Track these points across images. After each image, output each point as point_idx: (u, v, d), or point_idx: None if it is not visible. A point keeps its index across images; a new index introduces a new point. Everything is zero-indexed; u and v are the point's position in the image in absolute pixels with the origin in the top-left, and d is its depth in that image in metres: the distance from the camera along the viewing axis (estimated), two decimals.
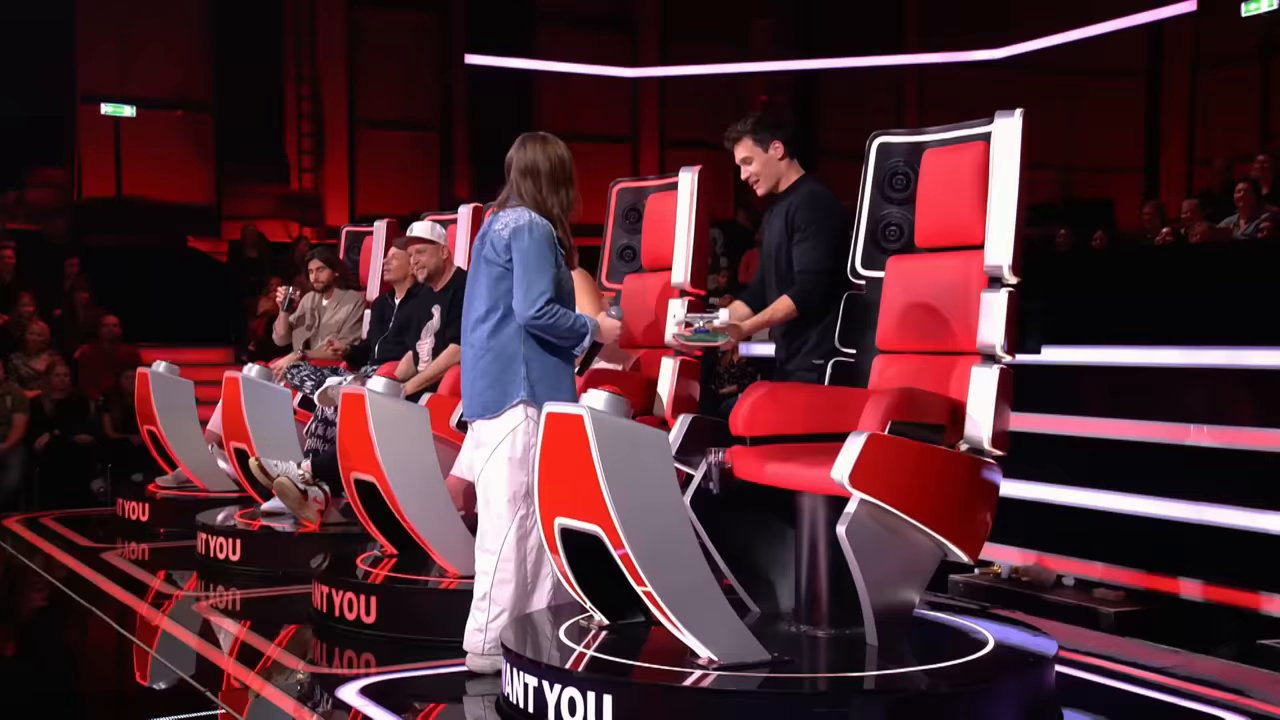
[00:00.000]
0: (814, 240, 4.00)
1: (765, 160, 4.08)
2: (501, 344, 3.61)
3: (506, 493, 3.64)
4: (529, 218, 3.59)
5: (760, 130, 4.07)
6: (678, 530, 3.25)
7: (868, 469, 3.23)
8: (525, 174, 3.63)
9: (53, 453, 8.33)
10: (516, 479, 3.64)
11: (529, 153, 3.65)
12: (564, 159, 3.66)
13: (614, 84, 16.29)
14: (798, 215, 4.02)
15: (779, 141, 4.07)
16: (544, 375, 3.64)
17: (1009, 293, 3.50)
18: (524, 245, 3.55)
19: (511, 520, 3.65)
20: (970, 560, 3.49)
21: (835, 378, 4.06)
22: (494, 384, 3.62)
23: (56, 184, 13.97)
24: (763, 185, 4.15)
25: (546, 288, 3.54)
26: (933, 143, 3.92)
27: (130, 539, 6.65)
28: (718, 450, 3.64)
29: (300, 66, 15.07)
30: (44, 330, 9.25)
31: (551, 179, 3.63)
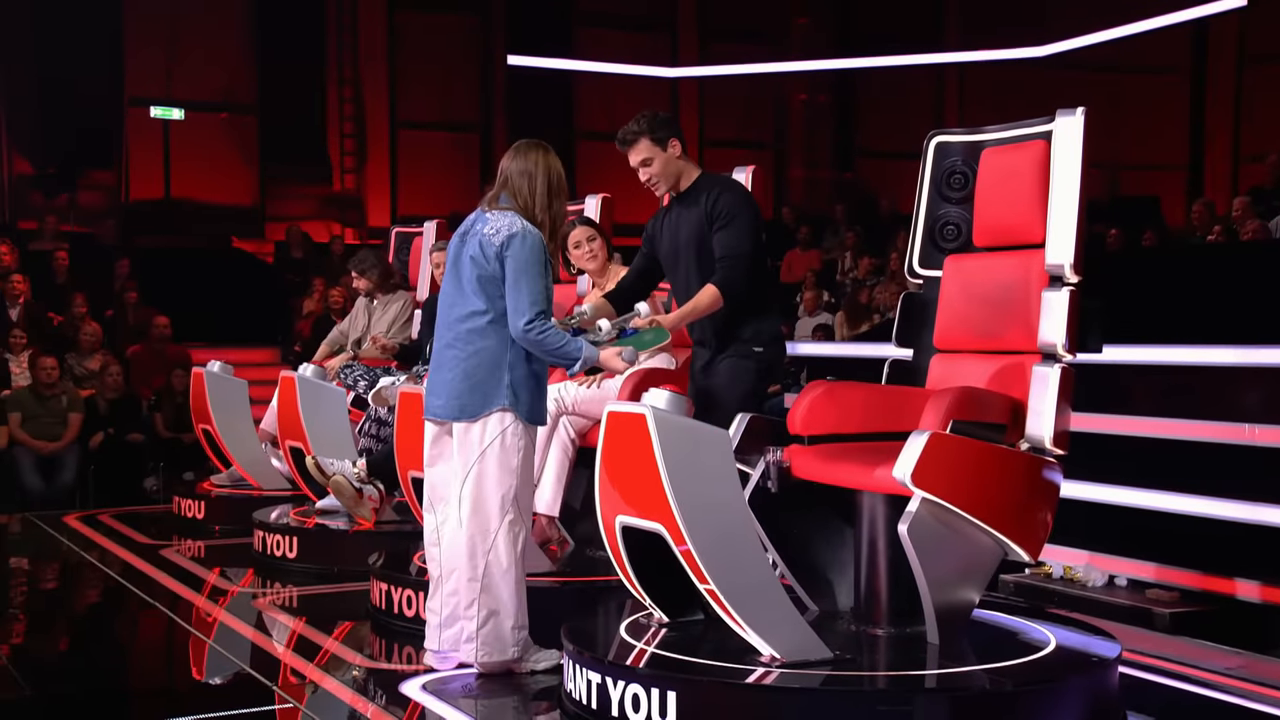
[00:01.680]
0: (734, 227, 3.92)
1: (665, 160, 4.01)
2: (489, 348, 3.57)
3: (496, 498, 3.60)
4: (521, 225, 3.56)
5: (658, 129, 3.99)
6: (740, 528, 3.27)
7: (930, 468, 3.24)
8: (525, 176, 3.61)
9: (106, 451, 8.44)
10: (505, 483, 3.60)
11: (531, 159, 3.62)
12: (561, 174, 3.66)
13: (653, 84, 16.32)
14: (718, 203, 3.94)
15: (675, 139, 4.01)
16: (525, 383, 3.60)
17: (1070, 291, 3.50)
18: (518, 254, 3.52)
19: (499, 525, 3.61)
20: (1031, 559, 3.49)
21: (892, 377, 4.07)
22: (476, 387, 3.57)
23: (106, 187, 14.17)
24: (662, 185, 4.05)
25: (537, 298, 3.51)
26: (991, 141, 3.92)
27: (187, 536, 6.75)
28: (776, 449, 3.65)
29: (342, 69, 15.21)
30: (97, 331, 9.39)
31: (548, 191, 3.61)
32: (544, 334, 3.52)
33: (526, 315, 3.50)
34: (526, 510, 3.72)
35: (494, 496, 3.60)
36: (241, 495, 6.98)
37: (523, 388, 3.60)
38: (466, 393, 3.58)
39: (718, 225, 3.93)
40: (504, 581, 3.63)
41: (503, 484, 3.60)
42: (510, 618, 3.66)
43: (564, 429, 4.70)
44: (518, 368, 3.59)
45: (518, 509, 3.63)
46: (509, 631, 3.67)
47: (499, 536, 3.61)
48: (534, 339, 3.52)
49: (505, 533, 3.61)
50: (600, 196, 5.83)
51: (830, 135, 17.55)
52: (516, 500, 3.62)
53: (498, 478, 3.59)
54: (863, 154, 17.49)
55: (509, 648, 3.68)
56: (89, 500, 8.10)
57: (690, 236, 4.06)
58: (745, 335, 4.05)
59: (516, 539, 3.64)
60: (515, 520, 3.63)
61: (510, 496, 3.61)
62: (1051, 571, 5.16)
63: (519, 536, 3.64)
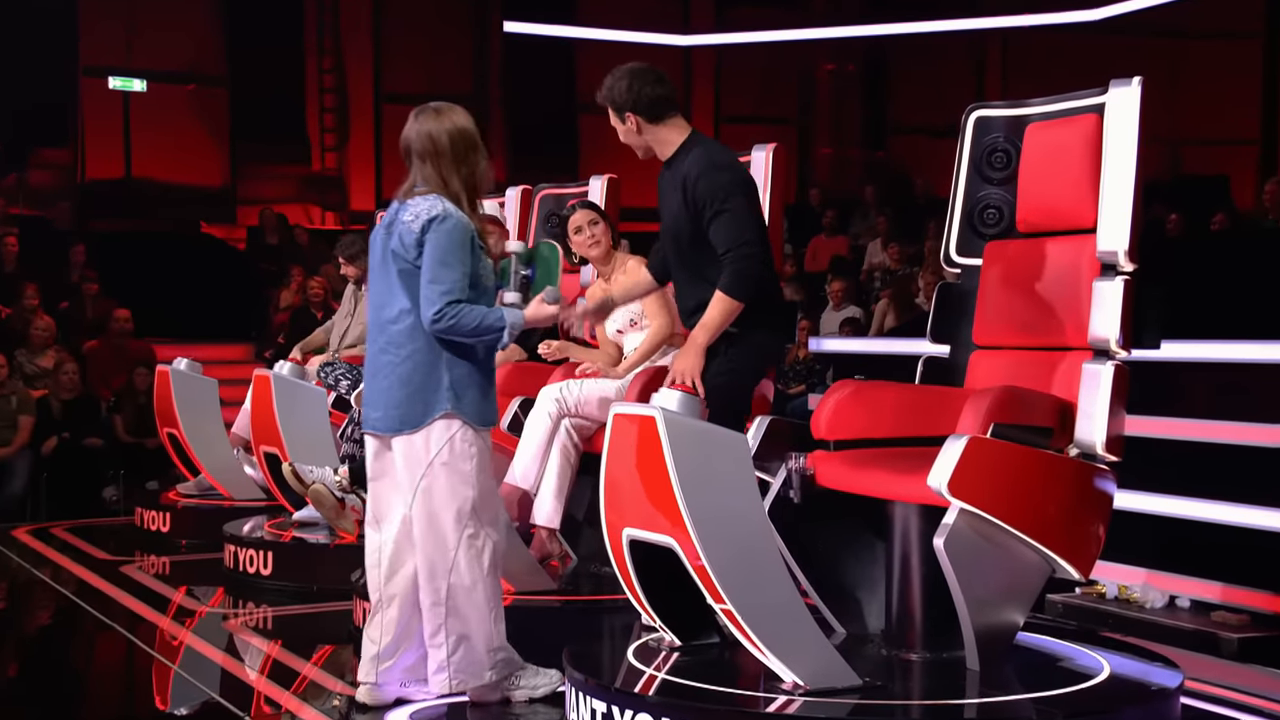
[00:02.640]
0: (729, 215, 3.82)
1: (625, 132, 3.99)
2: (422, 348, 3.54)
3: (451, 512, 3.57)
4: (442, 208, 3.51)
5: (613, 100, 3.96)
6: (759, 542, 3.29)
7: (968, 475, 3.25)
8: (424, 157, 3.56)
9: (61, 457, 8.46)
10: (460, 495, 3.57)
11: (422, 129, 3.56)
12: (463, 129, 3.57)
13: (664, 53, 16.32)
14: (697, 189, 3.86)
15: (631, 114, 3.95)
16: (468, 382, 3.56)
17: (1124, 281, 3.51)
18: (435, 240, 3.48)
19: (458, 541, 3.58)
20: (1082, 577, 3.50)
21: (926, 376, 4.07)
22: (414, 394, 3.53)
23: (60, 165, 14.23)
24: (637, 152, 4.07)
25: (450, 287, 3.47)
26: (1037, 116, 3.92)
27: (149, 551, 6.78)
28: (798, 455, 3.67)
29: (322, 37, 15.26)
30: (50, 325, 9.41)
31: (453, 155, 3.55)
32: (456, 318, 3.47)
33: (435, 305, 3.46)
34: (493, 521, 3.68)
35: (448, 511, 3.57)
36: (211, 506, 7.01)
37: (466, 387, 3.56)
38: (405, 401, 3.55)
39: (708, 217, 3.85)
40: (469, 602, 3.61)
41: (457, 496, 3.56)
42: (482, 640, 3.65)
43: (566, 433, 4.72)
44: (457, 366, 3.55)
45: (478, 521, 3.60)
46: (483, 655, 3.66)
47: (459, 554, 3.58)
48: (445, 326, 3.47)
49: (465, 549, 3.58)
50: (605, 178, 5.84)
51: (859, 110, 17.56)
52: (475, 512, 3.59)
53: (450, 490, 3.56)
54: (895, 130, 17.49)
55: (484, 671, 3.68)
56: (41, 512, 8.14)
57: (670, 224, 4.03)
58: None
59: (481, 554, 3.61)
60: (476, 534, 3.60)
61: (467, 509, 3.57)
62: (1105, 591, 5.16)
63: (484, 551, 3.62)
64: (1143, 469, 4.65)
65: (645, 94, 3.94)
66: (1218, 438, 5.32)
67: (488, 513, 3.65)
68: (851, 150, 17.49)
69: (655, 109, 3.96)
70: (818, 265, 12.49)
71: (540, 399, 4.73)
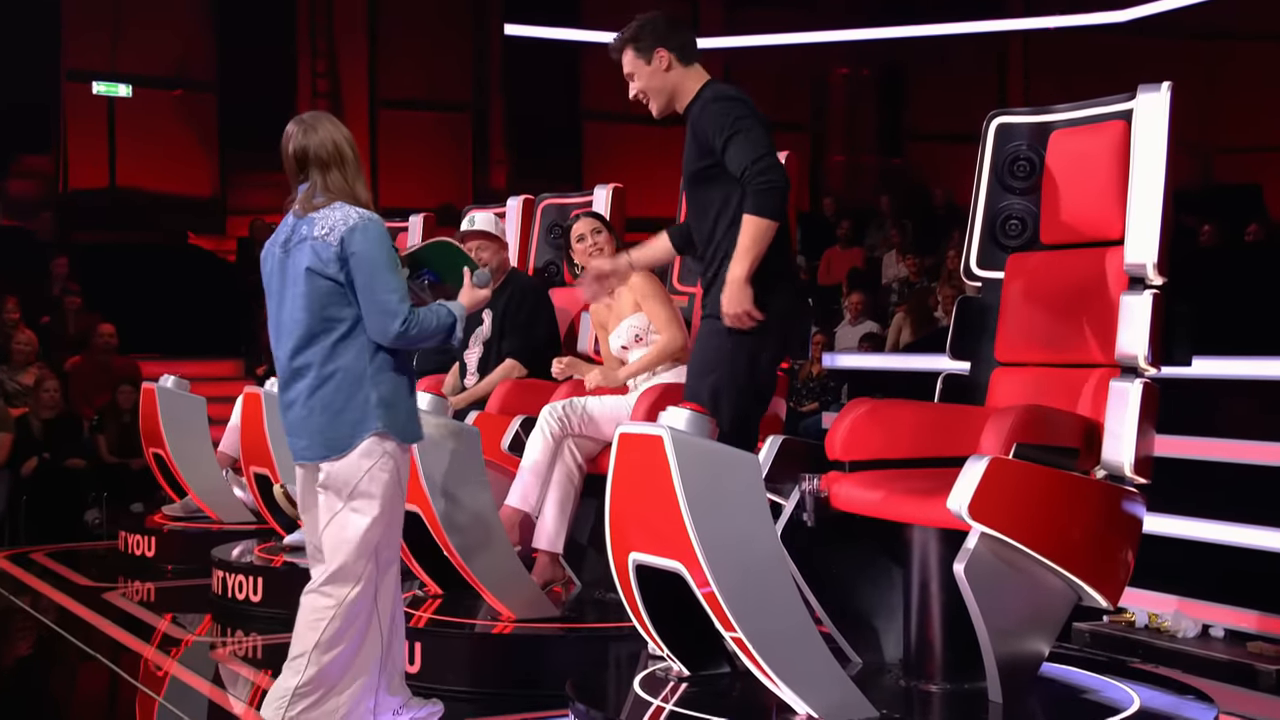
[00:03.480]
0: (740, 135, 3.74)
1: (650, 74, 3.94)
2: (344, 367, 3.45)
3: (359, 543, 3.45)
4: (358, 215, 3.44)
5: (642, 38, 3.95)
6: (771, 567, 3.29)
7: (990, 498, 3.25)
8: (329, 165, 3.48)
9: (41, 479, 8.46)
10: (379, 526, 3.47)
11: (325, 137, 3.49)
12: (351, 139, 3.55)
13: None
14: (705, 118, 3.82)
15: (664, 50, 3.93)
16: (396, 396, 3.49)
17: (1153, 295, 3.52)
18: (364, 248, 3.40)
19: (361, 575, 3.46)
20: (1110, 605, 3.50)
21: (946, 393, 4.08)
22: (338, 416, 3.45)
23: (41, 174, 14.26)
24: (654, 104, 3.99)
25: (403, 293, 3.43)
26: (1061, 123, 3.95)
27: (134, 577, 6.79)
28: (812, 476, 3.67)
29: (315, 39, 15.31)
30: (31, 340, 9.43)
31: (356, 165, 3.52)
32: (419, 324, 3.45)
33: (399, 315, 3.41)
34: (395, 555, 3.57)
35: (357, 540, 3.45)
36: (198, 529, 7.02)
37: (395, 402, 3.48)
38: (329, 425, 3.47)
39: (720, 144, 3.78)
40: (345, 637, 3.45)
41: (375, 528, 3.46)
42: (348, 696, 3.48)
43: (569, 453, 4.73)
44: (383, 381, 3.47)
45: (390, 551, 3.52)
46: (343, 705, 3.49)
47: (358, 589, 3.46)
48: (414, 335, 3.44)
49: (365, 584, 3.47)
50: (610, 187, 5.87)
51: (875, 115, 17.59)
52: (386, 542, 3.50)
53: (366, 517, 3.45)
54: (912, 137, 17.51)
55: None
56: (20, 536, 8.15)
57: (687, 171, 3.96)
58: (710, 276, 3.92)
59: (379, 591, 3.50)
60: (383, 570, 3.50)
61: (375, 537, 3.46)
62: (1134, 620, 5.15)
63: (383, 585, 3.51)
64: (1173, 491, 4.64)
65: (680, 33, 3.98)
66: (1251, 459, 5.32)
67: (393, 549, 3.55)
68: (867, 158, 17.52)
69: (687, 51, 3.97)
70: (832, 278, 12.50)
71: (542, 418, 4.74)
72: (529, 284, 5.78)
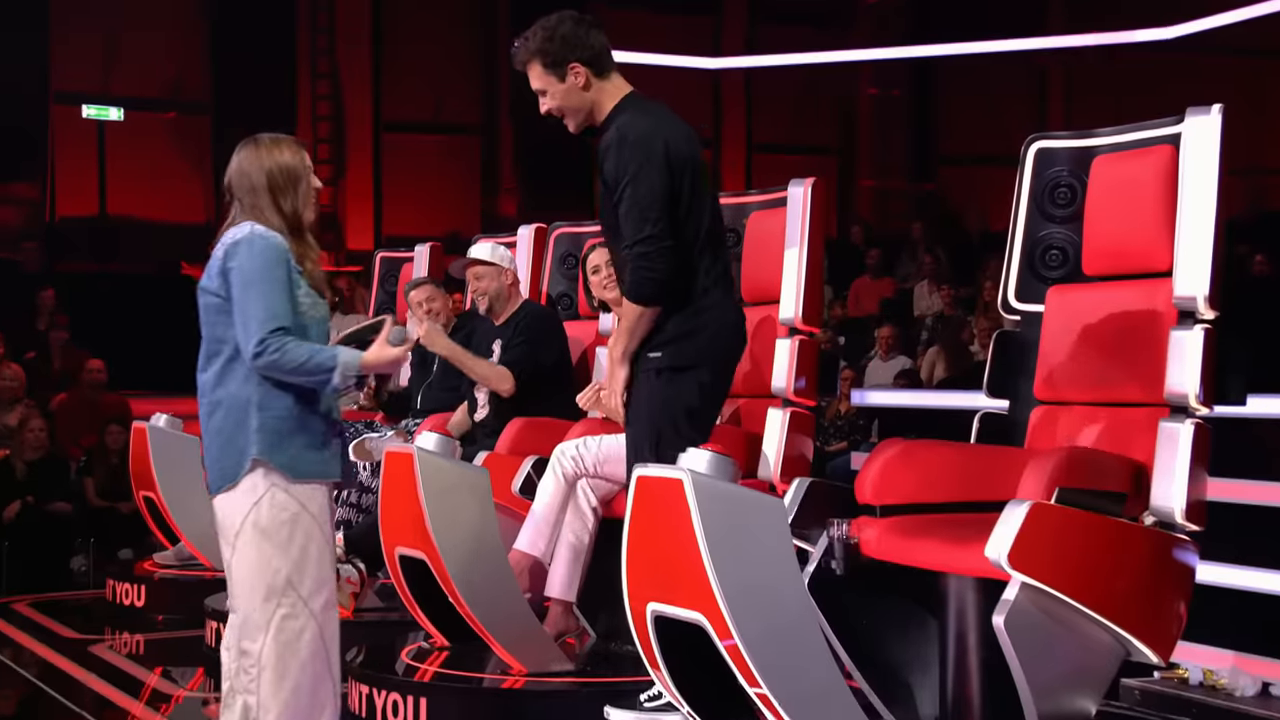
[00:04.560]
0: (630, 197, 3.61)
1: (565, 92, 3.75)
2: (231, 393, 3.38)
3: (261, 587, 3.34)
4: (249, 230, 3.41)
5: (550, 50, 3.74)
6: (798, 618, 3.29)
7: (1031, 546, 3.24)
8: (244, 193, 3.47)
9: (24, 524, 8.44)
10: (272, 565, 3.34)
11: (243, 164, 3.48)
12: (284, 166, 3.47)
13: (691, 77, 16.46)
14: (605, 165, 3.66)
15: (578, 64, 3.74)
16: (285, 425, 3.37)
17: (1204, 330, 3.52)
18: (242, 263, 3.35)
19: (270, 620, 3.34)
20: (1161, 661, 3.48)
21: (984, 434, 4.08)
22: (227, 445, 3.37)
23: (27, 201, 14.37)
24: (571, 122, 3.83)
25: (270, 314, 3.30)
26: (1105, 147, 3.95)
27: (122, 628, 6.79)
28: (841, 522, 3.67)
29: (316, 58, 15.44)
30: (19, 375, 9.44)
31: (271, 191, 3.45)
32: (280, 351, 3.30)
33: (256, 335, 3.29)
34: (317, 595, 3.39)
35: (258, 585, 3.34)
36: (191, 577, 7.02)
37: (281, 432, 3.36)
38: (218, 453, 3.39)
39: (615, 199, 3.67)
40: (275, 698, 3.33)
41: (267, 568, 3.34)
42: None
43: (583, 495, 4.73)
44: (271, 406, 3.37)
45: (296, 598, 3.35)
46: None
47: (268, 638, 3.33)
48: (267, 361, 3.30)
49: (276, 633, 3.33)
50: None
51: (906, 138, 17.63)
52: (292, 586, 3.35)
53: (260, 559, 3.34)
54: (946, 161, 17.56)
55: None
56: (1, 584, 8.15)
57: (603, 219, 3.90)
58: (649, 340, 3.83)
59: (298, 638, 3.35)
60: (293, 614, 3.35)
61: (280, 583, 3.34)
62: (1187, 676, 5.11)
63: (303, 634, 3.35)
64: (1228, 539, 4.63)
65: (594, 40, 3.76)
66: None
67: (313, 585, 3.38)
68: (897, 183, 17.56)
69: (603, 60, 3.79)
70: (861, 310, 12.51)
71: (555, 458, 4.74)
72: (539, 310, 5.81)
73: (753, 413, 4.97)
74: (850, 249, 13.86)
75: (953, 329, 10.60)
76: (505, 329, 5.63)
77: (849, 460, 8.24)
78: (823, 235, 4.85)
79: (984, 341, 9.35)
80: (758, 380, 4.97)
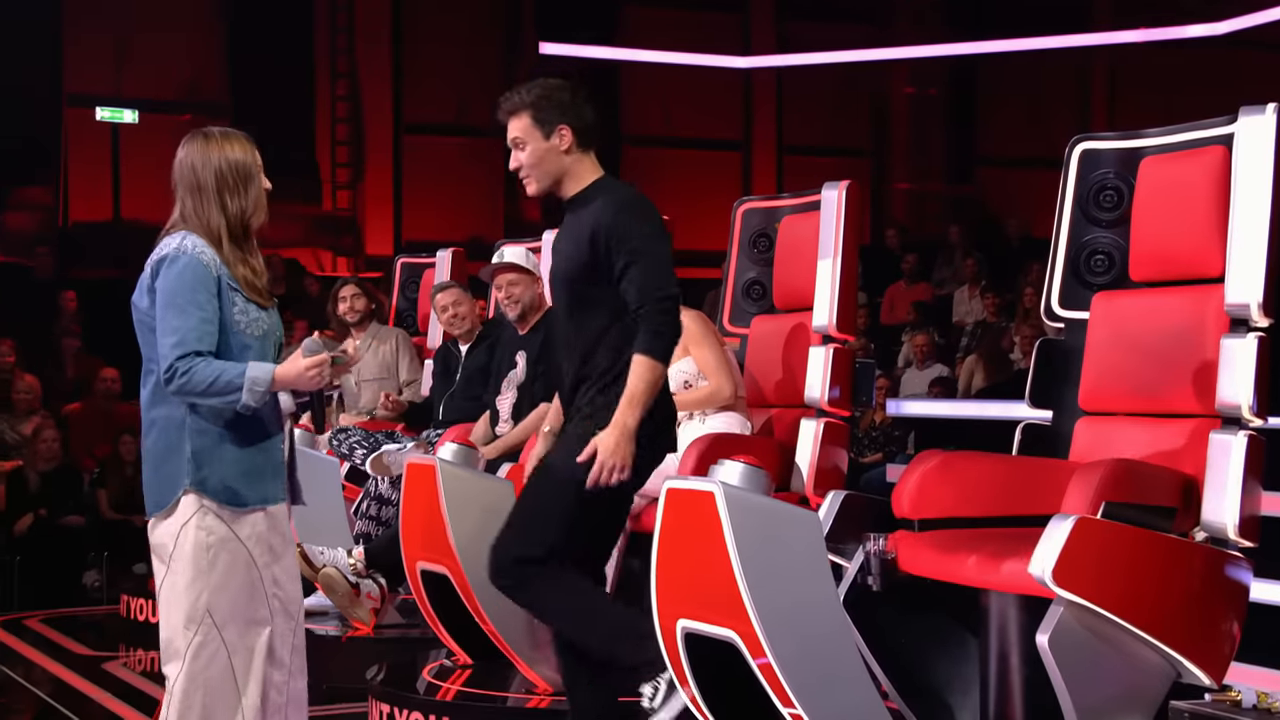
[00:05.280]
0: (650, 254, 3.63)
1: (545, 151, 3.75)
2: (164, 415, 3.33)
3: (180, 613, 3.27)
4: (177, 243, 3.34)
5: (545, 108, 3.76)
6: (834, 636, 3.29)
7: (1076, 562, 3.23)
8: (188, 190, 3.42)
9: (36, 538, 8.50)
10: (192, 591, 3.26)
11: (186, 157, 3.43)
12: (235, 163, 3.42)
13: (720, 76, 16.48)
14: (611, 231, 3.66)
15: (567, 128, 3.76)
16: (216, 452, 3.29)
17: (1258, 338, 3.50)
18: (163, 284, 3.28)
19: (184, 650, 3.26)
20: (1213, 683, 3.47)
21: (1026, 445, 4.07)
22: (160, 468, 3.33)
23: (40, 206, 14.45)
24: (534, 183, 3.81)
25: (181, 338, 3.23)
26: (1153, 148, 3.94)
27: (136, 645, 6.81)
28: (877, 536, 3.66)
29: (335, 58, 15.51)
30: (33, 386, 9.48)
31: (217, 190, 3.41)
32: (188, 375, 3.21)
33: (167, 360, 3.23)
34: (231, 625, 3.30)
35: (176, 613, 3.28)
36: None
37: (212, 460, 3.29)
38: (152, 475, 3.34)
39: (624, 260, 3.66)
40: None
41: (187, 594, 3.27)
42: None
43: None
44: (205, 433, 3.30)
45: (211, 626, 3.28)
46: None
47: (183, 667, 3.26)
48: (179, 385, 3.23)
49: (190, 661, 3.25)
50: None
51: (943, 139, 17.60)
52: (209, 615, 3.27)
53: (183, 587, 3.28)
54: (985, 163, 17.51)
55: None
56: (13, 600, 8.19)
57: (562, 268, 3.85)
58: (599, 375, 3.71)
59: (208, 666, 3.26)
60: (207, 641, 3.27)
61: (199, 612, 3.26)
62: (1240, 699, 5.06)
63: (212, 662, 3.27)
64: None
65: (586, 113, 3.81)
66: None
67: (224, 614, 3.30)
68: (934, 185, 17.53)
69: (590, 134, 3.83)
70: (895, 317, 12.48)
71: None
72: None
73: (785, 423, 4.97)
74: (885, 254, 13.84)
75: (992, 337, 10.56)
76: (531, 339, 5.63)
77: (884, 472, 8.22)
78: (857, 240, 4.85)
79: (1025, 349, 9.33)
80: (790, 390, 4.97)
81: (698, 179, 15.89)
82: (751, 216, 5.51)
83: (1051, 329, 4.17)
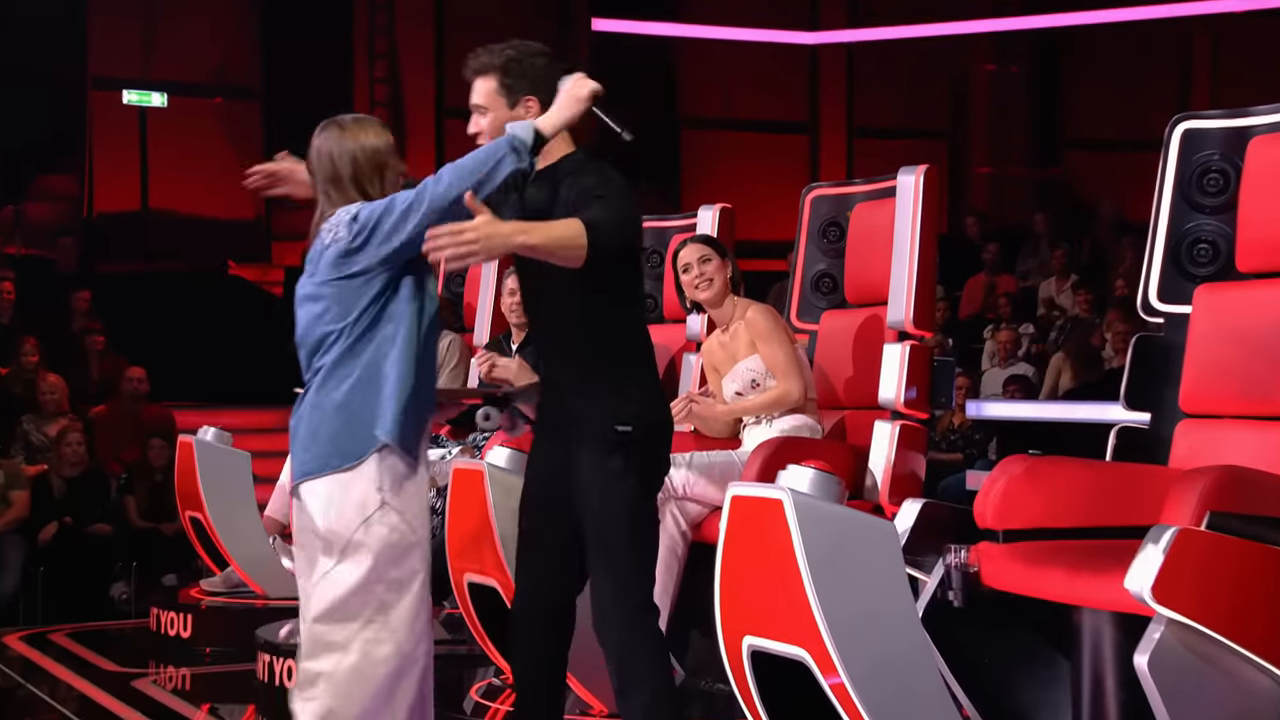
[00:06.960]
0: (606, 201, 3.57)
1: (508, 120, 3.70)
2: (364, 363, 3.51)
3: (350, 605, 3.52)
4: (356, 207, 3.54)
5: (513, 73, 3.72)
6: (911, 655, 3.28)
7: (1178, 577, 3.19)
8: (330, 182, 3.61)
9: (61, 547, 8.60)
10: (369, 583, 3.49)
11: (322, 146, 3.62)
12: (368, 149, 3.61)
13: (786, 53, 16.46)
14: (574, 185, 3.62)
15: (534, 101, 3.72)
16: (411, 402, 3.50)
17: None
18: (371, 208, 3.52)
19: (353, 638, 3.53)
20: None
21: (1121, 450, 4.04)
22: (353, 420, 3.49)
23: (64, 196, 14.62)
24: None
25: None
26: (1262, 127, 3.92)
27: (167, 661, 6.88)
28: (959, 548, 3.65)
29: (374, 39, 15.59)
30: (58, 386, 9.57)
31: (354, 178, 3.60)
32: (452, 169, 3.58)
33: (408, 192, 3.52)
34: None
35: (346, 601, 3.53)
36: (241, 605, 7.10)
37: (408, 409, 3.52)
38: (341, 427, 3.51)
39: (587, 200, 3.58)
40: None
41: (365, 584, 3.51)
42: None
43: (671, 518, 4.74)
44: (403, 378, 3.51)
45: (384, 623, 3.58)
46: None
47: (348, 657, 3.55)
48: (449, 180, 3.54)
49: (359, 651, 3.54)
50: (717, 208, 5.87)
51: (1027, 119, 17.48)
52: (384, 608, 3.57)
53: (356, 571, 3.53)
54: (1073, 144, 17.38)
55: None
56: (37, 613, 8.29)
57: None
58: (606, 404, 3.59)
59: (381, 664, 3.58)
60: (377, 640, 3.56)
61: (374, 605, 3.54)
62: None
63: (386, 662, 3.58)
64: None
65: (555, 81, 3.75)
66: None
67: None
68: (1017, 169, 17.42)
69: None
70: (973, 306, 12.42)
71: None
72: None
73: (859, 426, 4.96)
74: (965, 243, 13.77)
75: (1081, 333, 10.49)
76: None
77: (963, 479, 8.19)
78: (934, 225, 4.83)
79: (1117, 346, 9.26)
80: (864, 390, 4.95)
81: (760, 163, 15.87)
82: (821, 204, 5.51)
83: (1149, 324, 4.14)
